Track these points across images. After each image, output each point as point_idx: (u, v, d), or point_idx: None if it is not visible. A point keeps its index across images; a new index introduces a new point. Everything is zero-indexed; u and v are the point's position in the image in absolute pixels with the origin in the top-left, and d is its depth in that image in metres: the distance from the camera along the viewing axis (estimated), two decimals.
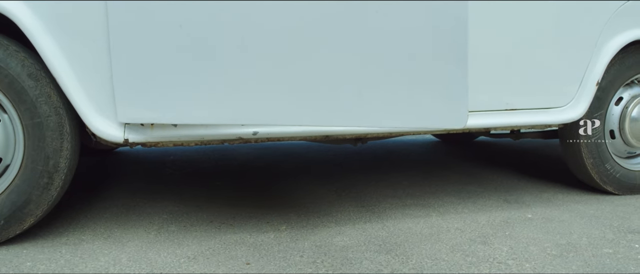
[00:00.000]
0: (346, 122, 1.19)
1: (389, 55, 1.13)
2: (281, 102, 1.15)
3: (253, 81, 1.14)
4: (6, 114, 1.27)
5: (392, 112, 1.16)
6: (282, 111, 1.15)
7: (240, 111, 1.15)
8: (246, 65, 1.13)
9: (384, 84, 1.14)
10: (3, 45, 1.21)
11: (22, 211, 1.28)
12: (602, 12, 1.67)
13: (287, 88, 1.14)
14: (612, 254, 1.29)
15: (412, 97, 1.15)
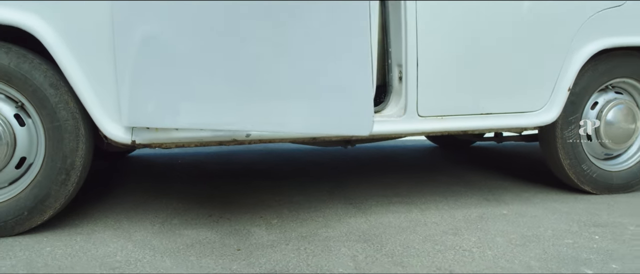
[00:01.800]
0: (244, 125, 1.28)
1: (291, 64, 1.21)
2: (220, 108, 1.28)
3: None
4: (30, 119, 1.45)
5: (296, 117, 1.24)
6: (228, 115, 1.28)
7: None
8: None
9: (289, 91, 1.23)
10: (29, 58, 1.40)
11: (43, 203, 1.45)
12: (572, 23, 1.79)
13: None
14: (572, 244, 1.40)
15: (314, 103, 1.23)
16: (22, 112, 1.45)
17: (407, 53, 1.64)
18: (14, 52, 1.38)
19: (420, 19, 1.64)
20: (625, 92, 1.99)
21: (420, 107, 1.68)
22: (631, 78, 1.94)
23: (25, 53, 1.40)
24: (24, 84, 1.39)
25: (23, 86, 1.40)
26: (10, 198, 1.45)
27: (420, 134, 1.75)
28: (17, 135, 1.43)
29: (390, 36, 1.71)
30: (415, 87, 1.66)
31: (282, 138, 1.63)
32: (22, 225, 1.45)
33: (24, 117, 1.45)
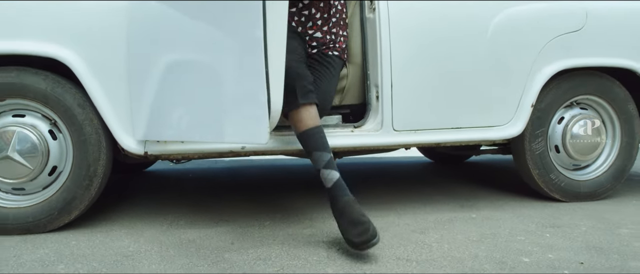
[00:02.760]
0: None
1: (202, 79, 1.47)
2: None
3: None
4: (61, 133, 1.74)
5: (206, 127, 1.48)
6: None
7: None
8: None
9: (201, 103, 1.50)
10: (61, 84, 1.69)
11: (70, 205, 1.72)
12: (534, 47, 2.00)
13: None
14: (523, 240, 1.59)
15: (218, 115, 1.44)
16: (54, 128, 1.73)
17: (382, 76, 1.88)
18: (51, 78, 1.68)
19: (393, 46, 1.88)
20: (590, 108, 2.18)
21: (395, 122, 1.90)
22: (594, 95, 2.13)
23: (58, 79, 1.69)
24: (57, 104, 1.68)
25: (56, 106, 1.68)
26: (43, 200, 1.72)
27: (396, 146, 1.97)
28: (50, 147, 1.72)
29: (368, 61, 1.95)
30: (390, 105, 1.89)
31: (273, 151, 1.87)
32: (53, 223, 1.72)
33: (56, 132, 1.73)
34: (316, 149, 1.56)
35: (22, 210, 1.71)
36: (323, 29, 1.86)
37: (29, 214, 1.70)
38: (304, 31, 1.85)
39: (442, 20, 1.94)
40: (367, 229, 1.41)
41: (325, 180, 1.55)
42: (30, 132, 1.68)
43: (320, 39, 1.86)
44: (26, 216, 1.70)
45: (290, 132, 1.82)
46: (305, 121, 1.57)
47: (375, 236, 1.40)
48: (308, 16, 1.84)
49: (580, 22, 2.05)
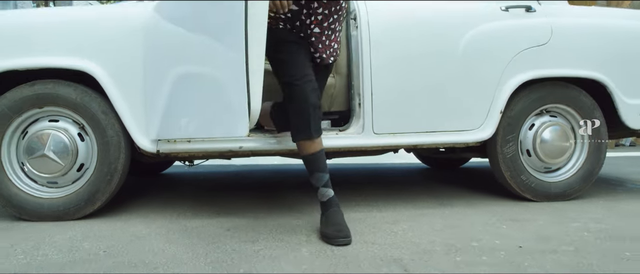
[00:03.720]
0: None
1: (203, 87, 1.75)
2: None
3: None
4: (88, 136, 2.05)
5: (203, 125, 1.77)
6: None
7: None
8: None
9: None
10: (88, 93, 2.01)
11: (94, 197, 2.02)
12: (502, 59, 2.22)
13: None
14: (480, 230, 1.81)
15: (211, 115, 1.73)
16: (82, 132, 2.05)
17: (363, 85, 2.14)
18: (80, 89, 2.00)
19: (373, 59, 2.13)
20: (560, 116, 2.37)
21: (375, 126, 2.15)
22: (562, 103, 2.33)
23: (86, 90, 2.01)
24: (85, 111, 2.00)
25: (84, 113, 2.00)
26: (72, 192, 2.03)
27: (376, 147, 2.21)
28: (79, 148, 2.03)
29: (353, 72, 2.21)
30: (371, 111, 2.14)
31: (268, 151, 2.14)
32: (80, 212, 2.02)
33: (83, 135, 2.05)
34: (318, 171, 1.80)
35: (55, 200, 2.02)
36: (323, 25, 1.89)
37: (61, 204, 2.02)
38: (305, 27, 1.88)
39: (418, 36, 2.19)
40: (342, 230, 1.68)
41: (322, 196, 1.80)
42: (63, 135, 2.00)
43: (318, 35, 1.89)
44: (58, 205, 2.01)
45: (281, 134, 2.09)
46: (313, 147, 1.79)
47: (348, 236, 1.67)
48: (309, 13, 1.86)
49: (545, 37, 2.26)
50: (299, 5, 1.83)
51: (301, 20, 1.85)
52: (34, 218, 2.00)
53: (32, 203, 2.00)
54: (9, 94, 1.98)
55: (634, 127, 2.36)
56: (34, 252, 1.60)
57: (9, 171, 2.01)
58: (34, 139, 1.99)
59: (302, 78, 1.77)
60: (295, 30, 1.88)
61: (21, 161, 2.02)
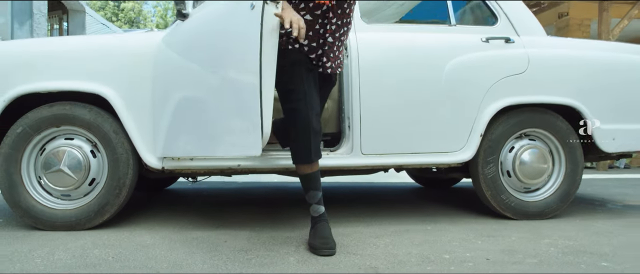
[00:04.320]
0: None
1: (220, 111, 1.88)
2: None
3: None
4: (99, 153, 2.25)
5: (219, 144, 1.91)
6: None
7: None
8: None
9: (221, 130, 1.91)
10: (101, 114, 2.21)
11: (103, 209, 2.21)
12: (482, 87, 2.40)
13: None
14: (456, 245, 1.96)
15: (229, 135, 1.87)
16: (95, 149, 2.25)
17: (352, 109, 2.32)
18: (94, 111, 2.20)
19: (362, 86, 2.32)
20: (538, 139, 2.53)
21: (363, 147, 2.32)
22: (540, 128, 2.49)
23: (99, 111, 2.22)
24: (98, 130, 2.20)
25: (97, 132, 2.20)
26: (84, 205, 2.22)
27: (364, 167, 2.38)
28: (91, 164, 2.22)
29: (343, 97, 2.40)
30: (359, 133, 2.32)
31: (262, 169, 2.32)
32: (90, 222, 2.21)
33: (96, 152, 2.24)
34: (312, 189, 1.96)
35: (68, 212, 2.21)
36: (335, 35, 1.96)
37: (73, 215, 2.20)
38: (318, 36, 1.95)
39: (404, 65, 2.38)
40: (327, 242, 1.84)
41: (314, 212, 1.96)
42: (77, 152, 2.20)
43: (330, 44, 1.96)
44: (71, 216, 2.20)
45: (277, 155, 2.28)
46: (310, 168, 1.94)
47: (332, 248, 1.83)
48: (324, 22, 1.93)
49: (523, 67, 2.44)
50: (313, 16, 1.90)
51: (315, 30, 1.92)
52: (48, 227, 2.19)
53: (48, 214, 2.18)
54: (30, 114, 2.18)
55: (607, 150, 2.51)
56: (50, 257, 1.78)
57: (28, 184, 2.21)
58: (51, 156, 2.19)
59: (307, 105, 1.87)
60: (307, 47, 1.94)
61: (38, 175, 2.22)
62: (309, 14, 1.90)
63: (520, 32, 2.55)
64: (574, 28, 6.51)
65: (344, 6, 1.92)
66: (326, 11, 1.91)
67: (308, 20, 1.90)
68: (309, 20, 1.90)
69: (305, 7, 1.89)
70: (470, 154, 2.39)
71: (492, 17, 2.59)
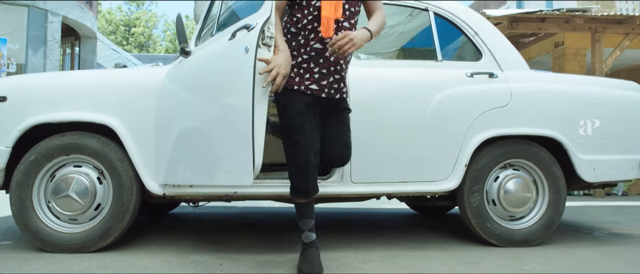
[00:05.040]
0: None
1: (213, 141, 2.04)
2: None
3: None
4: (105, 180, 2.39)
5: (215, 173, 2.03)
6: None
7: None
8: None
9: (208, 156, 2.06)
10: (108, 144, 2.37)
11: (108, 232, 2.34)
12: (467, 119, 2.53)
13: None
14: (441, 271, 2.06)
15: (217, 166, 2.01)
16: (101, 176, 2.40)
17: None
18: (101, 140, 2.36)
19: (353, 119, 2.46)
20: (522, 169, 2.65)
21: (353, 176, 2.45)
22: (524, 158, 2.61)
23: (106, 140, 2.38)
24: (104, 159, 2.35)
25: (104, 160, 2.35)
26: (89, 228, 2.35)
27: (354, 195, 2.51)
28: (97, 190, 2.37)
29: None
30: (350, 163, 2.45)
31: (257, 195, 2.45)
32: (95, 245, 2.34)
33: (102, 179, 2.39)
34: (306, 217, 2.07)
35: (74, 235, 2.34)
36: (346, 60, 2.06)
37: (79, 238, 2.33)
38: (329, 64, 2.01)
39: (392, 99, 2.52)
40: (314, 267, 1.97)
41: (306, 238, 2.08)
42: (84, 179, 2.35)
43: (340, 70, 2.04)
44: (77, 240, 2.33)
45: (273, 183, 2.41)
46: (305, 199, 2.04)
47: (319, 272, 1.94)
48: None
49: (506, 100, 2.58)
50: (323, 44, 1.97)
51: (325, 57, 1.98)
52: (55, 249, 2.32)
53: (55, 237, 2.32)
54: (42, 143, 2.35)
55: (588, 180, 2.62)
56: None
57: (38, 208, 2.35)
58: (61, 182, 2.34)
59: (307, 143, 1.94)
60: (317, 75, 1.99)
61: (48, 200, 2.37)
62: (318, 43, 1.99)
63: (504, 67, 2.70)
64: (570, 57, 6.67)
65: None
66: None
67: (318, 49, 1.98)
68: (319, 48, 1.99)
69: (315, 37, 1.99)
70: (456, 183, 2.51)
71: (477, 52, 2.74)
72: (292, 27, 2.02)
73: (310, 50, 1.99)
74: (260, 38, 1.83)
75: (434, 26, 2.72)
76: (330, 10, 1.94)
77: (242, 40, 1.91)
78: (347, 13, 2.01)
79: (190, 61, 2.32)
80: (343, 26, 1.99)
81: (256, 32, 1.84)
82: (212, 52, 2.16)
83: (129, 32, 30.41)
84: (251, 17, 1.96)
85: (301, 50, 2.00)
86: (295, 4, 2.00)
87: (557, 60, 6.94)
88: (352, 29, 2.04)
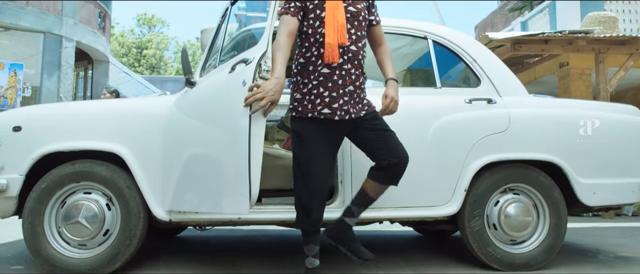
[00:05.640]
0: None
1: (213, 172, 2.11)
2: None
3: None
4: (114, 206, 2.47)
5: (215, 202, 2.11)
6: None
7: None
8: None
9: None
10: (117, 171, 2.45)
11: (115, 258, 2.40)
12: (466, 145, 2.58)
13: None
14: None
15: (216, 195, 2.08)
16: (110, 202, 2.47)
17: (344, 166, 2.52)
18: (110, 168, 2.45)
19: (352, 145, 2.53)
20: (523, 194, 2.67)
21: None
22: (524, 183, 2.64)
23: (115, 168, 2.46)
24: (113, 186, 2.43)
25: (112, 187, 2.43)
26: (98, 254, 2.42)
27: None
28: (106, 216, 2.44)
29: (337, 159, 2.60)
30: (350, 188, 2.51)
31: (261, 221, 2.51)
32: (103, 270, 2.39)
33: (111, 205, 2.47)
34: (310, 242, 2.12)
35: (83, 260, 2.41)
36: (356, 84, 2.12)
37: (88, 263, 2.40)
38: (338, 87, 2.07)
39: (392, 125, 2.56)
40: None
41: (309, 263, 2.13)
42: (94, 205, 2.43)
43: (351, 92, 2.09)
44: (86, 265, 2.40)
45: (277, 209, 2.47)
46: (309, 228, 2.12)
47: None
48: (341, 73, 2.07)
49: (504, 125, 2.62)
50: (330, 68, 2.04)
51: (333, 81, 2.05)
52: None
53: (65, 262, 2.39)
54: (54, 171, 2.43)
55: (589, 204, 2.64)
56: None
57: (49, 234, 2.43)
58: (71, 208, 2.42)
59: (317, 176, 2.01)
60: (328, 98, 2.04)
61: (59, 226, 2.44)
62: (325, 68, 2.05)
63: (502, 93, 2.75)
64: (575, 77, 6.69)
65: (359, 57, 2.10)
66: (343, 64, 2.06)
67: (325, 73, 2.05)
68: (327, 72, 2.05)
69: (322, 62, 2.06)
70: (456, 208, 2.54)
71: (475, 79, 2.80)
72: (301, 58, 2.11)
73: (318, 75, 2.05)
74: (257, 71, 1.92)
75: (433, 54, 2.79)
76: (334, 37, 2.03)
77: (241, 73, 2.00)
78: (353, 37, 2.09)
79: (195, 91, 2.41)
80: (350, 50, 2.07)
81: (253, 66, 1.93)
82: (214, 83, 2.26)
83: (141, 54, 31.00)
84: (249, 51, 2.06)
85: (311, 77, 2.06)
86: (303, 34, 2.10)
87: (562, 81, 6.96)
88: (359, 53, 2.11)
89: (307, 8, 2.08)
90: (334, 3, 2.06)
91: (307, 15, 2.08)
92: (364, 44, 2.16)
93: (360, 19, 2.13)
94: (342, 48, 2.05)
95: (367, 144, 2.17)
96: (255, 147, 1.94)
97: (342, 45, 2.04)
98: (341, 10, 2.06)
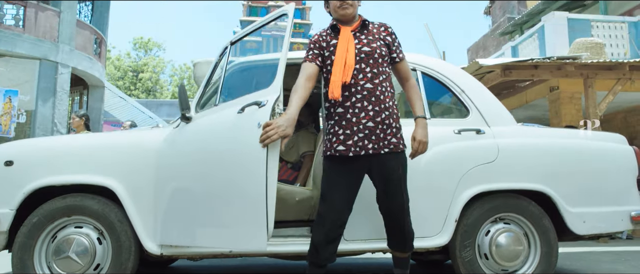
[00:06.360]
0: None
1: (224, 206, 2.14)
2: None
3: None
4: (105, 240, 2.46)
5: (223, 237, 2.13)
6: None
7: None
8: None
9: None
10: (108, 205, 2.45)
11: None
12: (455, 176, 2.60)
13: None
14: None
15: (236, 232, 2.10)
16: (101, 236, 2.47)
17: None
18: (102, 202, 2.45)
19: None
20: (513, 223, 2.69)
21: (347, 234, 2.49)
22: (514, 212, 2.66)
23: (106, 202, 2.46)
24: (105, 220, 2.43)
25: (104, 221, 2.43)
26: None
27: (349, 252, 2.55)
28: (97, 250, 2.43)
29: None
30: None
31: (255, 253, 2.50)
32: None
33: (102, 239, 2.46)
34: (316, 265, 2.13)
35: None
36: (376, 120, 2.13)
37: None
38: (357, 121, 2.12)
39: None
40: None
41: None
42: (85, 239, 2.42)
43: (372, 128, 2.11)
44: None
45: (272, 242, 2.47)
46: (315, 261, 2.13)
47: None
48: (354, 111, 2.12)
49: (493, 155, 2.66)
50: (344, 107, 2.12)
51: (347, 119, 2.11)
52: None
53: None
54: (45, 205, 2.43)
55: (579, 232, 2.66)
56: None
57: (38, 269, 2.41)
58: (62, 243, 2.41)
59: (331, 210, 2.09)
60: (342, 136, 2.10)
61: (49, 261, 2.43)
62: (340, 107, 2.14)
63: (491, 123, 2.79)
64: (565, 101, 6.78)
65: (377, 93, 2.13)
66: (356, 102, 2.11)
67: (340, 112, 2.13)
68: (341, 111, 2.13)
69: (336, 103, 2.14)
70: (447, 239, 2.55)
71: (464, 109, 2.84)
72: (326, 102, 2.21)
73: (335, 115, 2.15)
74: (272, 115, 2.02)
75: (422, 84, 2.84)
76: (339, 75, 2.12)
77: (253, 115, 2.08)
78: (369, 75, 2.14)
79: (194, 127, 2.43)
80: (365, 88, 2.13)
81: (268, 109, 2.02)
82: (219, 121, 2.29)
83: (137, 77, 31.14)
84: (260, 94, 2.16)
85: (329, 118, 2.19)
86: (324, 80, 2.22)
87: (553, 104, 7.05)
88: (377, 89, 2.14)
89: (324, 55, 2.20)
90: (344, 46, 2.15)
91: (325, 62, 2.19)
92: (383, 80, 2.17)
93: (376, 57, 2.17)
94: (354, 87, 2.11)
95: (376, 190, 2.24)
96: (270, 182, 2.01)
97: (346, 83, 2.11)
98: (351, 52, 2.14)
